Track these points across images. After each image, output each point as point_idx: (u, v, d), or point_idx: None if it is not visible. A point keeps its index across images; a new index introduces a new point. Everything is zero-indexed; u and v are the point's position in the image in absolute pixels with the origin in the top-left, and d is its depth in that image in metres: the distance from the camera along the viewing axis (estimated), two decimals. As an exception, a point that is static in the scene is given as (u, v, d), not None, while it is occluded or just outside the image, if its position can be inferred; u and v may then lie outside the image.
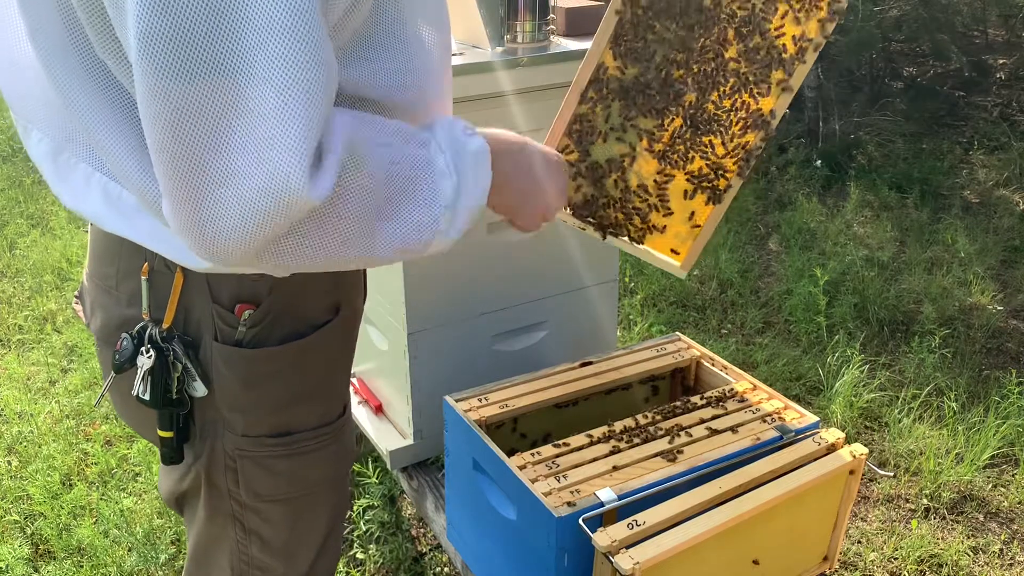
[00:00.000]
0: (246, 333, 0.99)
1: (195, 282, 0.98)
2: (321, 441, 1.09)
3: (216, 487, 1.09)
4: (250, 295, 0.98)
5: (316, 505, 1.14)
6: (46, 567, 2.05)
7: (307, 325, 1.03)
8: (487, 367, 1.90)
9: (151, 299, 0.99)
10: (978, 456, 2.33)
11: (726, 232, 3.70)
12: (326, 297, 1.05)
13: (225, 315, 0.98)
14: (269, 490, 1.08)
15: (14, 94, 0.93)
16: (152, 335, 0.99)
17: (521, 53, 1.69)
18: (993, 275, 3.37)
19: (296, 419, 1.06)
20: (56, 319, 3.14)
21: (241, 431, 1.05)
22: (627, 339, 2.96)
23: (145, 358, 0.98)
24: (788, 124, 4.79)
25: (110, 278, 1.03)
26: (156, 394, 0.99)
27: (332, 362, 1.09)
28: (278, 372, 1.02)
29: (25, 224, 3.89)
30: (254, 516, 1.11)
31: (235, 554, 1.14)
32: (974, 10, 5.27)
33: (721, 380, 1.70)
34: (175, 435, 1.04)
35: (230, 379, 1.01)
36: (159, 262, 0.98)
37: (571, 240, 1.92)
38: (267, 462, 1.06)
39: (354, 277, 1.12)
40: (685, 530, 1.29)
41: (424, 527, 2.16)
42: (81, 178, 0.91)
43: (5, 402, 2.65)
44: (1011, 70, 5.22)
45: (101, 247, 1.05)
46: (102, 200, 0.90)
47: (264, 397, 1.03)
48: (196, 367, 1.00)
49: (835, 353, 2.80)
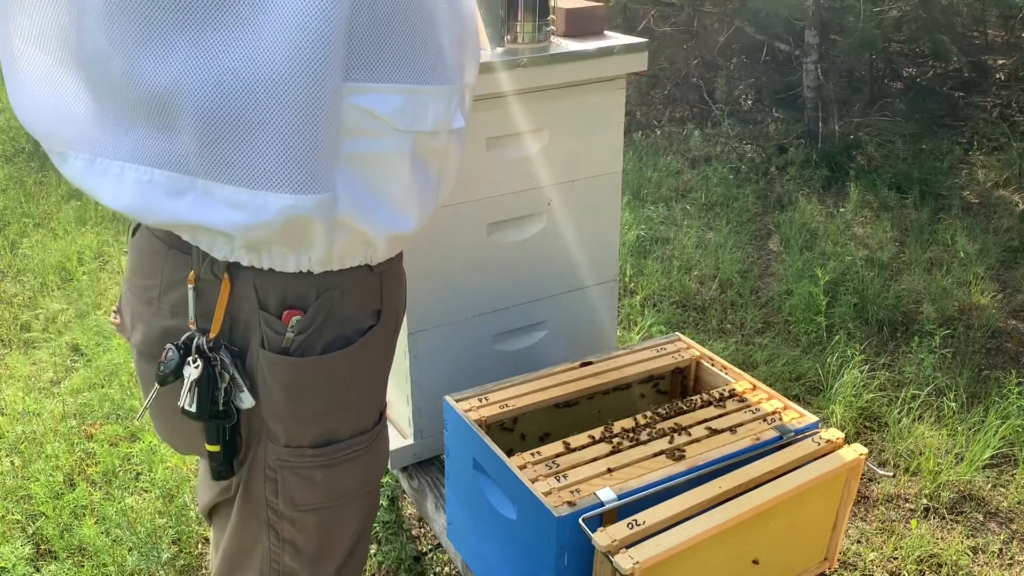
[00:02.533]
0: (293, 340, 0.98)
1: (242, 288, 0.97)
2: (357, 450, 1.08)
3: (254, 496, 1.08)
4: (297, 300, 0.97)
5: (348, 512, 1.13)
6: (48, 567, 2.05)
7: (352, 330, 1.03)
8: (487, 367, 1.90)
9: (197, 308, 0.99)
10: (978, 456, 2.33)
11: (726, 232, 3.70)
12: (370, 302, 1.05)
13: (272, 321, 0.98)
14: (307, 500, 1.08)
15: (42, 130, 0.95)
16: (199, 344, 0.98)
17: (521, 54, 1.70)
18: (993, 275, 3.37)
19: (336, 428, 1.06)
20: (58, 319, 3.14)
21: (284, 442, 1.04)
22: (627, 339, 2.96)
23: (192, 368, 0.97)
24: (788, 124, 4.79)
25: (152, 289, 1.03)
26: (203, 406, 0.98)
27: (374, 369, 1.09)
28: (322, 381, 1.02)
29: (28, 224, 3.89)
30: (289, 525, 1.10)
31: (266, 562, 1.13)
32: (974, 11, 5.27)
33: (721, 380, 1.70)
34: (222, 448, 1.03)
35: (275, 388, 1.00)
36: (206, 270, 0.98)
37: (571, 240, 1.92)
38: (306, 472, 1.05)
39: (396, 280, 1.11)
40: (685, 530, 1.29)
41: (424, 527, 2.16)
42: (114, 177, 0.92)
43: (8, 401, 2.65)
44: (1010, 71, 5.22)
45: (143, 259, 1.04)
46: (136, 190, 0.91)
47: (307, 406, 1.02)
48: (243, 377, 0.99)
49: (835, 353, 2.80)
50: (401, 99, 0.93)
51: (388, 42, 0.91)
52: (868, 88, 5.01)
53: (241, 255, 0.94)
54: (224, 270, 0.97)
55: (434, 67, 0.96)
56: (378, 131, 0.94)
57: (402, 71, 0.93)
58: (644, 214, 3.89)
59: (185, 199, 0.89)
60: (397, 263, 1.11)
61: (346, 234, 0.94)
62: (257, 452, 1.05)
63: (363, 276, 1.02)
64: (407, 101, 0.94)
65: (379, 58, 0.91)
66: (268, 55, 0.83)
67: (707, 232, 3.77)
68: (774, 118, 4.94)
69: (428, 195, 1.03)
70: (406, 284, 1.19)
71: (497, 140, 1.75)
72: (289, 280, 0.97)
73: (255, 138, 0.85)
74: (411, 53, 0.93)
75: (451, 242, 1.79)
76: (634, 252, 3.57)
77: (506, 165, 1.78)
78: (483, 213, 1.80)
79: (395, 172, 0.97)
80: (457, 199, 1.76)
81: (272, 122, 0.84)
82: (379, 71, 0.91)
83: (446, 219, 1.75)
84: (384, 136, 0.94)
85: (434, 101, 0.97)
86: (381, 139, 0.94)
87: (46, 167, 4.43)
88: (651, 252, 3.59)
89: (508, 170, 1.79)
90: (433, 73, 0.96)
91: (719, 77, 5.19)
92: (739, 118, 5.00)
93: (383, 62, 0.91)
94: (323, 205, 0.90)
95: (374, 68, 0.91)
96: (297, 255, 0.94)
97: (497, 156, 1.77)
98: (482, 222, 1.81)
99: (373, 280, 1.04)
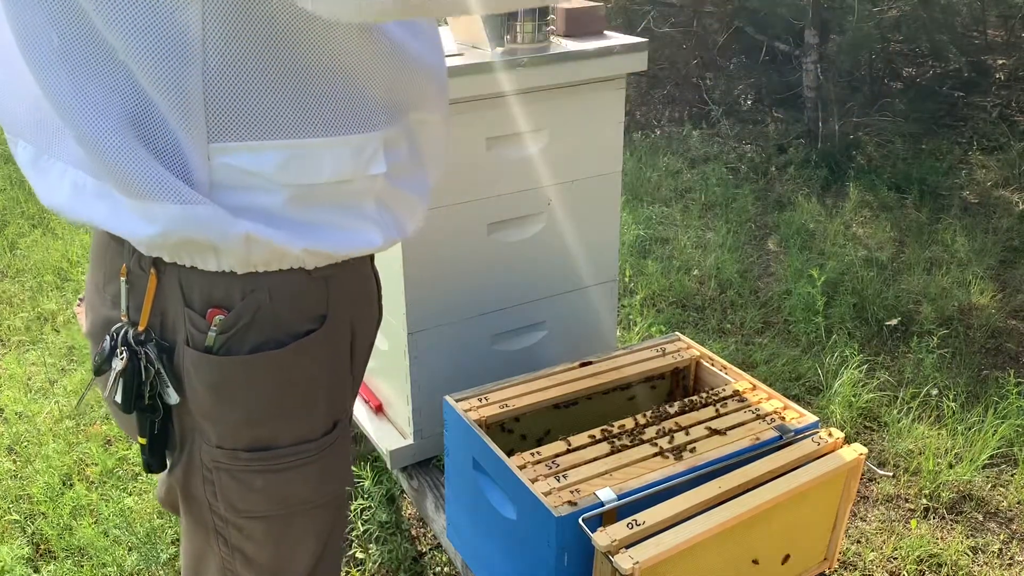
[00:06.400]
0: (216, 339, 0.96)
1: (168, 285, 0.96)
2: (301, 459, 1.05)
3: (195, 498, 1.07)
4: (223, 299, 0.96)
5: (300, 525, 1.10)
6: (47, 567, 2.05)
7: (286, 334, 0.99)
8: (487, 367, 1.90)
9: (129, 301, 0.99)
10: (977, 456, 2.33)
11: (726, 232, 3.70)
12: (312, 306, 1.01)
13: (196, 319, 0.96)
14: (247, 505, 1.05)
15: (5, 112, 0.99)
16: (126, 337, 0.97)
17: (521, 53, 1.70)
18: (992, 275, 3.37)
19: (272, 434, 1.03)
20: (56, 319, 3.14)
21: (215, 442, 1.02)
22: (627, 339, 2.96)
23: (118, 359, 0.97)
24: (788, 124, 4.79)
25: (100, 279, 1.04)
26: (128, 398, 0.98)
27: (316, 376, 1.04)
28: (250, 382, 0.99)
29: (26, 224, 3.89)
30: (236, 532, 1.08)
31: (220, 569, 1.11)
32: (973, 11, 5.28)
33: (721, 380, 1.70)
34: (148, 442, 1.02)
35: (199, 387, 0.99)
36: (135, 263, 0.97)
37: (571, 240, 1.92)
38: (243, 476, 1.03)
39: (351, 287, 1.07)
40: (685, 530, 1.29)
41: (424, 527, 2.16)
42: (56, 175, 0.95)
43: (5, 402, 2.65)
44: (1010, 71, 5.22)
45: (95, 248, 1.05)
46: (70, 191, 0.94)
47: (235, 407, 1.00)
48: (169, 373, 0.98)
49: (834, 353, 2.80)
50: (282, 155, 0.90)
51: (259, 98, 0.88)
52: (868, 88, 5.01)
53: (163, 252, 0.94)
54: (151, 265, 0.96)
55: (335, 117, 0.92)
56: (259, 185, 0.91)
57: (282, 126, 0.90)
58: (643, 214, 3.89)
59: (104, 204, 0.92)
60: (351, 270, 1.06)
61: (258, 244, 0.92)
62: (192, 450, 1.04)
63: (298, 280, 0.98)
64: (290, 156, 0.91)
65: (247, 116, 0.88)
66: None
67: (707, 232, 3.77)
68: (774, 118, 4.94)
69: (348, 217, 0.99)
70: (375, 292, 1.15)
71: (497, 140, 1.75)
72: (215, 279, 0.95)
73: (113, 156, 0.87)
74: (294, 106, 0.90)
75: (451, 242, 1.78)
76: (634, 252, 3.57)
77: (506, 165, 1.78)
78: (483, 213, 1.80)
79: (287, 209, 0.94)
80: (457, 199, 1.76)
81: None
82: (249, 129, 0.89)
83: (446, 219, 1.75)
84: (267, 191, 0.91)
85: (332, 152, 0.93)
86: (264, 194, 0.91)
87: (45, 167, 4.43)
88: (651, 252, 3.59)
89: (508, 170, 1.79)
90: (332, 124, 0.92)
91: (719, 77, 5.19)
92: (738, 118, 5.00)
93: (254, 119, 0.89)
94: (208, 215, 0.89)
95: (242, 126, 0.88)
96: (218, 257, 0.93)
97: (497, 156, 1.77)
98: (482, 222, 1.81)
99: (313, 285, 1.00)
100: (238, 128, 0.89)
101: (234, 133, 0.89)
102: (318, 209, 0.95)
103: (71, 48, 0.86)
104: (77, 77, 0.86)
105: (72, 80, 0.86)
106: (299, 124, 0.90)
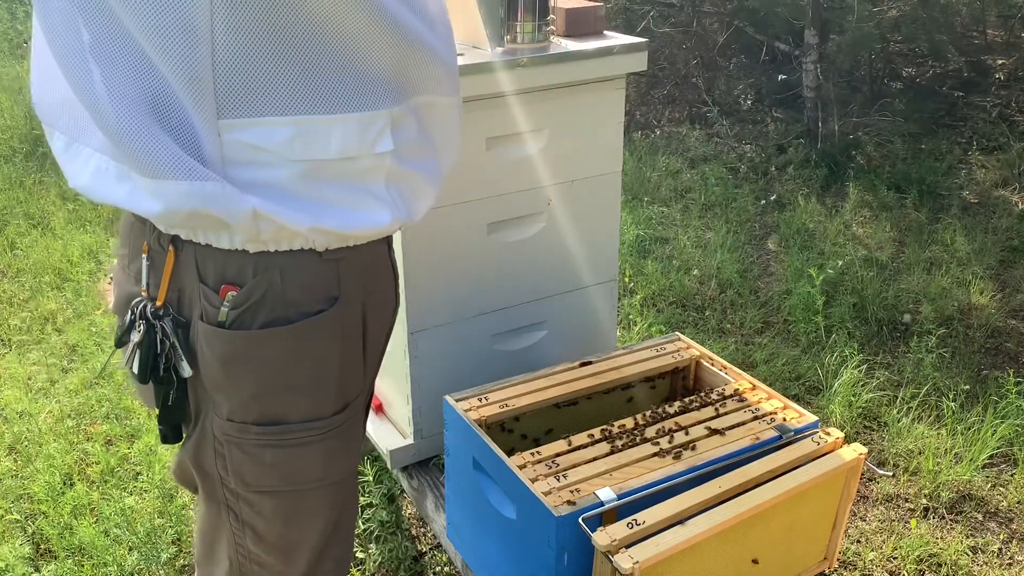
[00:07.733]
0: (228, 314, 1.01)
1: (186, 262, 1.01)
2: (311, 436, 1.08)
3: (208, 473, 1.11)
4: (236, 276, 1.00)
5: (310, 503, 1.13)
6: (47, 566, 2.05)
7: (296, 312, 1.03)
8: (487, 367, 1.90)
9: (150, 277, 1.03)
10: (977, 456, 2.34)
11: (725, 232, 3.70)
12: (322, 287, 1.04)
13: (210, 295, 1.01)
14: (257, 479, 1.09)
15: (44, 104, 1.03)
16: (145, 311, 1.02)
17: (521, 53, 1.70)
18: (992, 275, 3.37)
19: (282, 409, 1.06)
20: (56, 319, 3.14)
21: (226, 415, 1.06)
22: (627, 339, 2.96)
23: (136, 332, 1.02)
24: (787, 124, 4.79)
25: (125, 256, 1.09)
26: (144, 368, 1.02)
27: (327, 355, 1.07)
28: (259, 356, 1.03)
29: (26, 224, 3.89)
30: (246, 507, 1.11)
31: (231, 545, 1.15)
32: (973, 11, 5.27)
33: (720, 380, 1.70)
34: (161, 413, 1.07)
35: (212, 360, 1.03)
36: (155, 241, 1.02)
37: (571, 240, 1.92)
38: (253, 450, 1.07)
39: (364, 270, 1.09)
40: (685, 529, 1.29)
41: (424, 526, 2.16)
42: (82, 160, 0.99)
43: (6, 402, 2.65)
44: (1010, 71, 5.22)
45: (122, 227, 1.11)
46: (93, 174, 0.98)
47: (245, 381, 1.03)
48: (184, 347, 1.03)
49: (834, 353, 2.80)
50: (289, 131, 0.93)
51: (265, 75, 0.90)
52: (867, 88, 5.01)
53: (179, 230, 0.98)
54: (169, 242, 1.01)
55: (340, 94, 0.95)
56: (267, 161, 0.94)
57: (289, 102, 0.92)
58: (643, 214, 3.89)
59: (124, 186, 0.96)
60: (365, 253, 1.08)
61: (265, 221, 0.95)
62: (205, 423, 1.08)
63: (310, 261, 1.02)
64: (297, 132, 0.93)
65: (254, 92, 0.91)
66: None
67: (706, 232, 3.77)
68: (773, 118, 4.94)
69: (357, 195, 1.01)
70: (391, 277, 1.17)
71: (497, 140, 1.75)
72: (229, 257, 0.99)
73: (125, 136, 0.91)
74: (300, 83, 0.92)
75: (451, 242, 1.79)
76: (633, 252, 3.57)
77: (506, 165, 1.78)
78: (483, 213, 1.80)
79: (296, 185, 0.97)
80: (457, 199, 1.76)
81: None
82: (256, 105, 0.91)
83: (446, 219, 1.75)
84: (276, 167, 0.94)
85: (338, 128, 0.95)
86: (272, 169, 0.94)
87: (44, 167, 4.43)
88: (650, 252, 3.59)
89: (508, 170, 1.79)
90: (338, 101, 0.95)
91: (718, 77, 5.19)
92: (738, 118, 5.00)
93: (260, 95, 0.91)
94: (217, 191, 0.92)
95: (249, 102, 0.91)
96: (230, 234, 0.96)
97: (497, 156, 1.77)
98: (482, 222, 1.81)
99: (324, 266, 1.03)
100: (246, 104, 0.92)
101: (242, 109, 0.92)
102: (326, 186, 0.98)
103: (96, 39, 0.89)
104: (101, 66, 0.90)
105: (96, 70, 0.90)
106: (306, 100, 0.93)
